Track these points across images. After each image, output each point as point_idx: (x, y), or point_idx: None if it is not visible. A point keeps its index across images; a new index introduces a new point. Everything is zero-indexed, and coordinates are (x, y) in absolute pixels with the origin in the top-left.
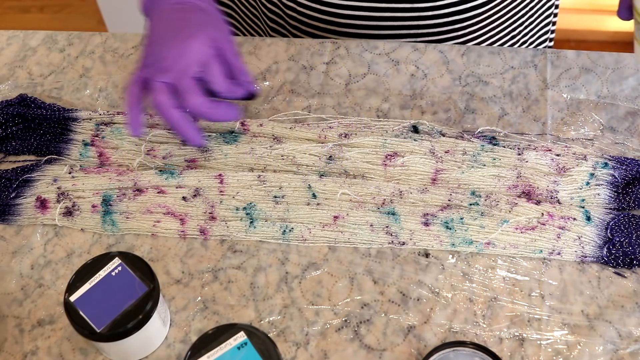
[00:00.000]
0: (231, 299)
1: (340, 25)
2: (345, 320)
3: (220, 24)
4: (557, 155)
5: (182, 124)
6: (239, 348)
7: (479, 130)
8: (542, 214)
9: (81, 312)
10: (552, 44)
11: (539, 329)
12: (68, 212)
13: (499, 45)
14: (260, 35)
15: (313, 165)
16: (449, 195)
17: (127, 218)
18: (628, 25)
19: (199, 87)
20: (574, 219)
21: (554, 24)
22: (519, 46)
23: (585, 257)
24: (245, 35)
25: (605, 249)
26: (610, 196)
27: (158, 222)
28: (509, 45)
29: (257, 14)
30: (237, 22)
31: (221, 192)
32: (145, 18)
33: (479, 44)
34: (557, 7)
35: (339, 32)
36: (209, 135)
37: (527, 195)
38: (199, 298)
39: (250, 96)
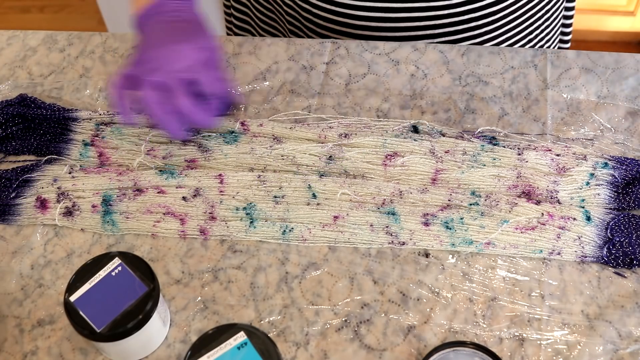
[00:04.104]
0: (231, 299)
1: (355, 27)
2: (345, 320)
3: (209, 35)
4: (557, 155)
5: (166, 117)
6: (239, 348)
7: (479, 130)
8: (542, 214)
9: (81, 312)
10: (567, 45)
11: (539, 329)
12: (68, 212)
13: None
14: (277, 36)
15: (313, 165)
16: (449, 195)
17: (127, 218)
18: (628, 25)
19: (185, 89)
20: (574, 219)
21: (565, 25)
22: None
23: (585, 257)
24: (262, 36)
25: (605, 249)
26: (610, 196)
27: (158, 222)
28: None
29: (275, 17)
30: (251, 26)
31: (221, 192)
32: (136, 31)
33: (497, 44)
34: (568, 9)
35: (353, 35)
36: (209, 135)
37: (527, 195)
38: (199, 298)
39: (229, 106)
